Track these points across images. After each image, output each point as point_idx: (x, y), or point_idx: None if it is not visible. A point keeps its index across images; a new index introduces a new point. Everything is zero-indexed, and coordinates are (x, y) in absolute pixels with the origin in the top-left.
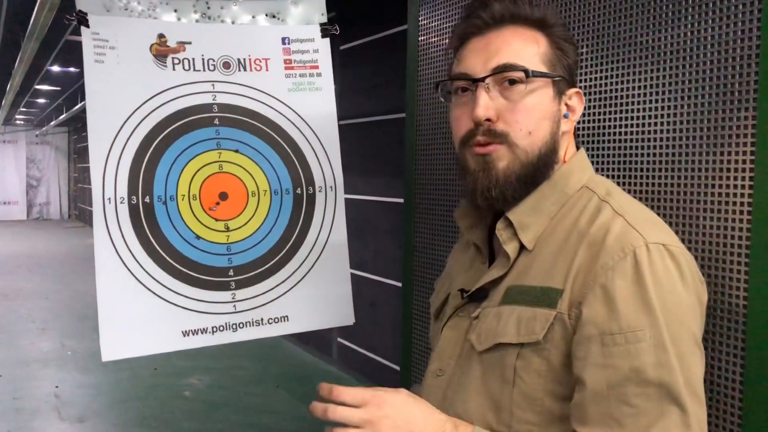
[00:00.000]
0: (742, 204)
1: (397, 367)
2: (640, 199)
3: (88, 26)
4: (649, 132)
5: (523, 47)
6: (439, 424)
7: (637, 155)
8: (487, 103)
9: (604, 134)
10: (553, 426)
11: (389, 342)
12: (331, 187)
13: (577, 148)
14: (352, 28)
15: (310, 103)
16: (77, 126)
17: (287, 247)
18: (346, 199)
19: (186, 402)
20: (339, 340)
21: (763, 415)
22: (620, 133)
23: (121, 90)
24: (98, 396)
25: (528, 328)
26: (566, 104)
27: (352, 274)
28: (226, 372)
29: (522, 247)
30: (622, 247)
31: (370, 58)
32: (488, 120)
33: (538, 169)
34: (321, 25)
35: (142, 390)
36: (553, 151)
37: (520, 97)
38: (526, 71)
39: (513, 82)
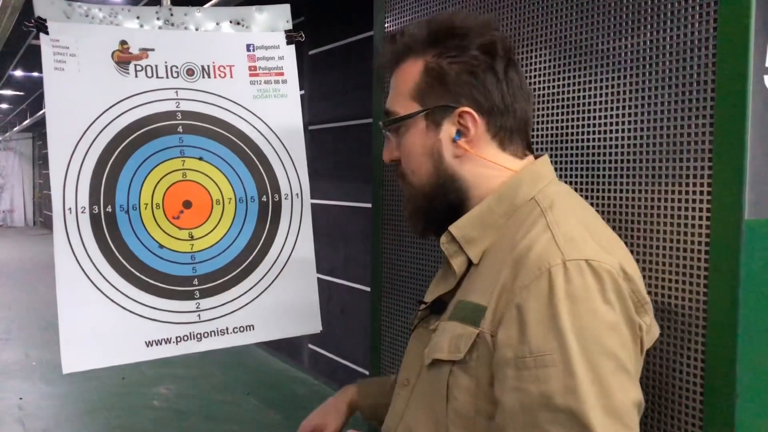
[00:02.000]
0: (701, 209)
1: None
2: (600, 205)
3: (47, 33)
4: (609, 138)
5: (402, 86)
6: None
7: (597, 161)
8: (388, 147)
9: (564, 140)
10: None
11: (360, 348)
12: (297, 194)
13: (537, 155)
14: (320, 33)
15: (275, 110)
16: (42, 131)
17: (253, 255)
18: (316, 205)
19: (154, 411)
20: (310, 346)
21: (724, 418)
22: (580, 139)
23: (82, 97)
24: (64, 407)
25: (456, 346)
26: (459, 123)
27: (322, 280)
28: (195, 380)
29: (470, 261)
30: (539, 265)
31: (339, 63)
32: (395, 161)
33: (436, 200)
34: (286, 31)
35: (110, 400)
36: (447, 179)
37: (402, 138)
38: (390, 119)
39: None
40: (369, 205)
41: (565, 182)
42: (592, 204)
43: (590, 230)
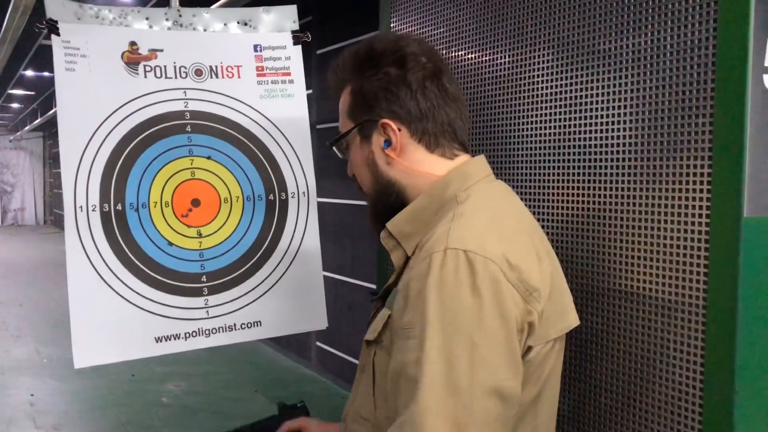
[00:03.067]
0: (700, 207)
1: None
2: (601, 203)
3: (58, 34)
4: (610, 137)
5: (341, 109)
6: None
7: (597, 160)
8: (348, 164)
9: (566, 140)
10: None
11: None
12: (304, 192)
13: (474, 154)
14: (329, 32)
15: (282, 110)
16: (52, 131)
17: (260, 252)
18: (324, 204)
19: (164, 408)
20: (317, 343)
21: (723, 414)
22: (582, 139)
23: (93, 98)
24: (74, 403)
25: (374, 328)
26: (384, 134)
27: (330, 277)
28: (204, 377)
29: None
30: (428, 251)
31: None
32: (354, 175)
33: (381, 204)
34: (293, 32)
35: (120, 396)
36: (385, 185)
37: (349, 154)
38: (333, 139)
39: None
40: None
41: (564, 182)
42: (593, 202)
43: (496, 223)
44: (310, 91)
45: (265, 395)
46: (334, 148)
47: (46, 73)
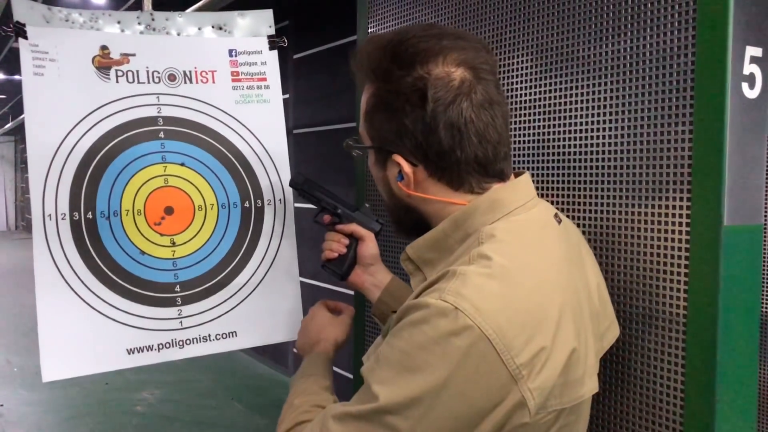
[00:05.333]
0: (680, 215)
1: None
2: (580, 211)
3: (26, 38)
4: (589, 145)
5: (362, 110)
6: (314, 341)
7: (576, 167)
8: None
9: (545, 147)
10: None
11: (344, 352)
12: (280, 200)
13: (517, 174)
14: (305, 37)
15: (258, 116)
16: (24, 135)
17: (235, 261)
18: (301, 209)
19: (138, 417)
20: (295, 350)
21: (704, 424)
22: (560, 146)
23: (62, 103)
24: (46, 413)
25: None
26: (399, 166)
27: (307, 284)
28: (179, 385)
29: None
30: (430, 293)
31: (324, 67)
32: None
33: (401, 219)
34: (269, 37)
35: (93, 406)
36: (402, 209)
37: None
38: (352, 143)
39: None
40: None
41: (543, 190)
42: (570, 211)
43: (511, 279)
44: (287, 96)
45: (241, 403)
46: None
47: (17, 77)
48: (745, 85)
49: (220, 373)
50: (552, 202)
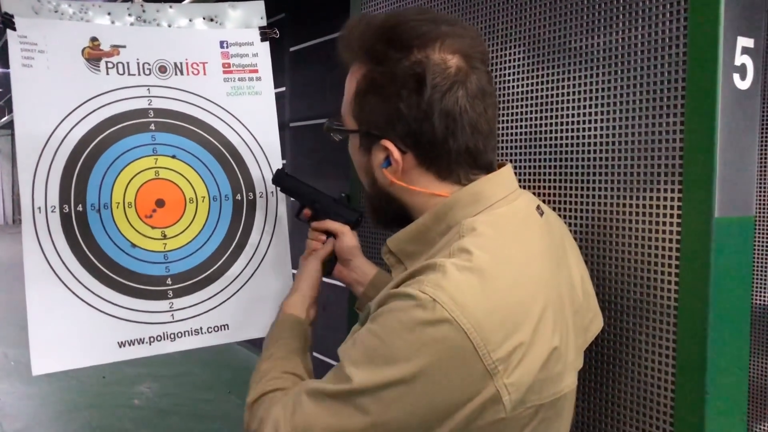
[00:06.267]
0: (671, 207)
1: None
2: (571, 203)
3: (14, 29)
4: (580, 137)
5: (347, 93)
6: (293, 292)
7: (567, 159)
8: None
9: (536, 139)
10: None
11: (339, 344)
12: (272, 192)
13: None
14: (301, 29)
15: (249, 108)
16: None
17: (227, 254)
18: (294, 202)
19: (135, 410)
20: None
21: (694, 416)
22: (551, 137)
23: (52, 95)
24: (43, 407)
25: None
26: (386, 152)
27: None
28: (176, 379)
29: None
30: (411, 282)
31: (320, 59)
32: None
33: (381, 209)
34: (260, 28)
35: (90, 399)
36: (384, 198)
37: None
38: (332, 125)
39: None
40: None
41: (535, 181)
42: (562, 202)
43: (490, 273)
44: (284, 89)
45: (238, 396)
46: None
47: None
48: (736, 76)
49: (216, 366)
50: (543, 194)
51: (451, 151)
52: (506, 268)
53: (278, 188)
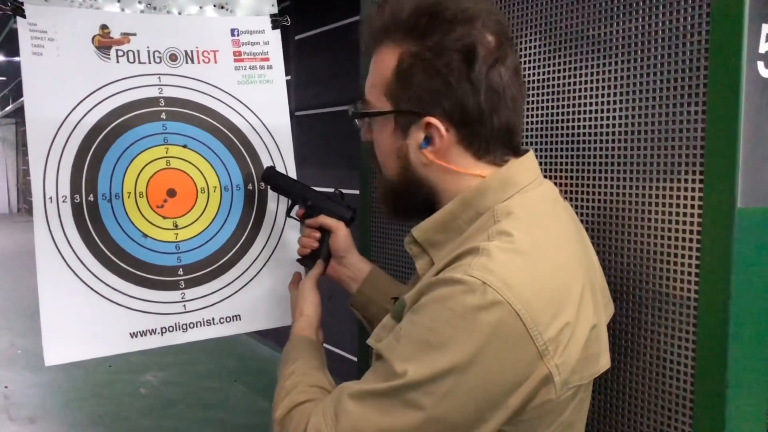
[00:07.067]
0: (693, 198)
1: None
2: (590, 194)
3: (24, 16)
4: (600, 126)
5: (377, 76)
6: (300, 316)
7: (586, 149)
8: (363, 129)
9: (555, 128)
10: None
11: (348, 334)
12: None
13: (523, 151)
14: (307, 17)
15: (260, 96)
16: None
17: (239, 244)
18: None
19: (142, 399)
20: None
21: (714, 408)
22: (570, 127)
23: (62, 84)
24: (50, 395)
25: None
26: (427, 131)
27: None
28: (182, 367)
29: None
30: (452, 270)
31: (326, 48)
32: (370, 142)
33: (403, 197)
34: (271, 16)
35: (97, 388)
36: (414, 183)
37: (373, 130)
38: (359, 111)
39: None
40: (356, 192)
41: (553, 171)
42: (580, 192)
43: (535, 255)
44: (289, 78)
45: (244, 385)
46: (356, 119)
47: (17, 59)
48: (760, 64)
49: (222, 355)
50: (562, 184)
51: (494, 127)
52: (546, 250)
53: (268, 186)
